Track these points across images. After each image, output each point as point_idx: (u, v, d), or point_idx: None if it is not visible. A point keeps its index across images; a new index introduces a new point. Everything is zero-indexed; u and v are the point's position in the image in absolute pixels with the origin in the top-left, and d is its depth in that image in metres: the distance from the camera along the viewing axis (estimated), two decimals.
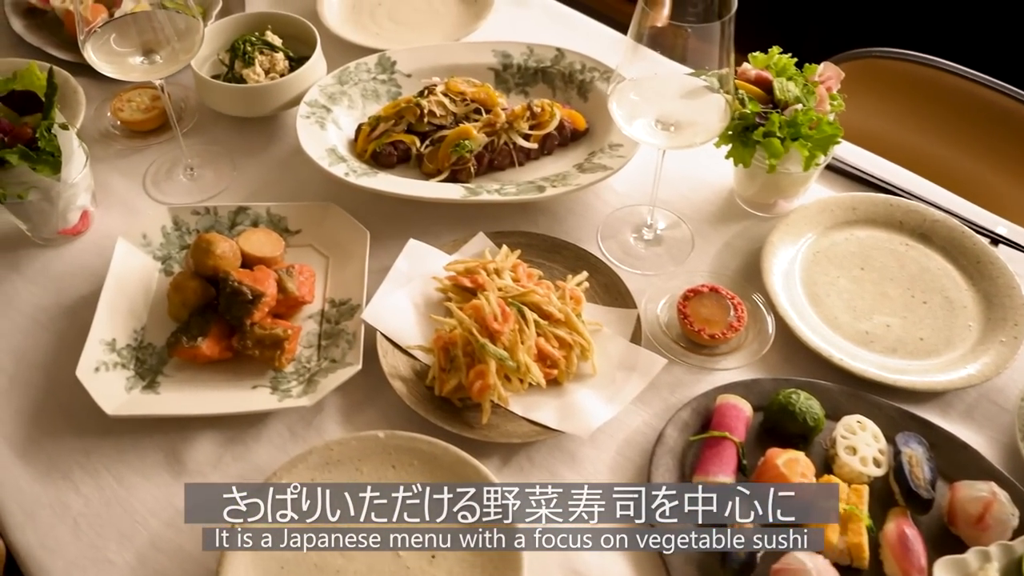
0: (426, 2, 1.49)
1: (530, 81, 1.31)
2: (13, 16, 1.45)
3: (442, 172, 1.18)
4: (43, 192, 1.06)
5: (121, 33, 1.09)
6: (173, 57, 1.07)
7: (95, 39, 1.07)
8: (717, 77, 0.98)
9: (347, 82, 1.27)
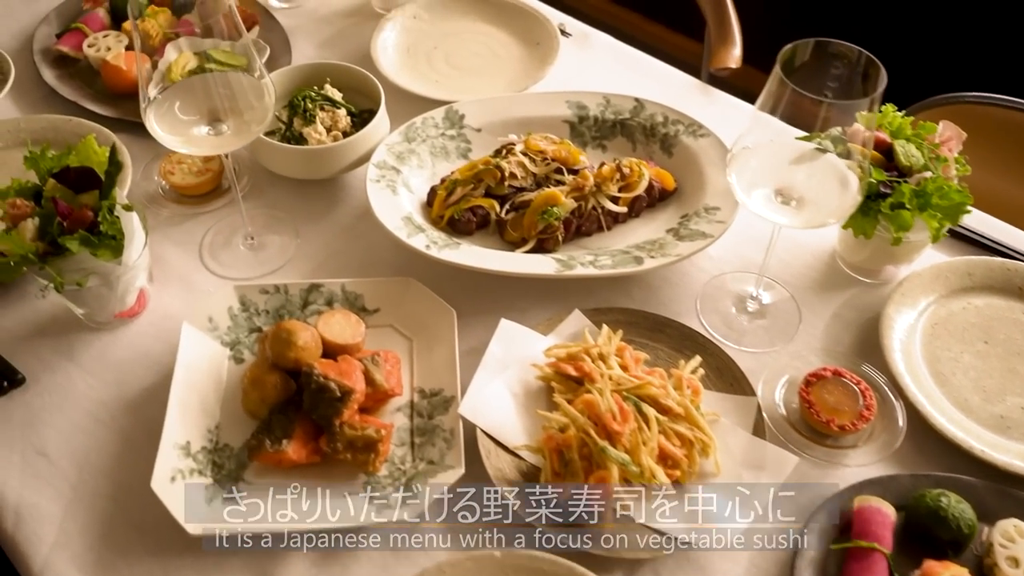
0: (485, 45, 1.40)
1: (608, 134, 1.23)
2: (44, 66, 1.35)
3: (528, 241, 1.09)
4: (102, 277, 0.97)
5: (184, 98, 1.00)
6: (243, 127, 0.98)
7: (156, 106, 0.98)
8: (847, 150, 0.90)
9: (414, 139, 1.18)
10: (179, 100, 1.00)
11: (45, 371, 1.01)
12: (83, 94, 1.32)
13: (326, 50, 1.41)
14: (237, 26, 1.33)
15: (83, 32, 1.37)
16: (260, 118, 0.98)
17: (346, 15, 1.48)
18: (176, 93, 1.00)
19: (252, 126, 0.98)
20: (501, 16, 1.43)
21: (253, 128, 0.98)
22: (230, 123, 0.99)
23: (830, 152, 0.92)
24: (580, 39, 1.43)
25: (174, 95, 0.99)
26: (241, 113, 0.99)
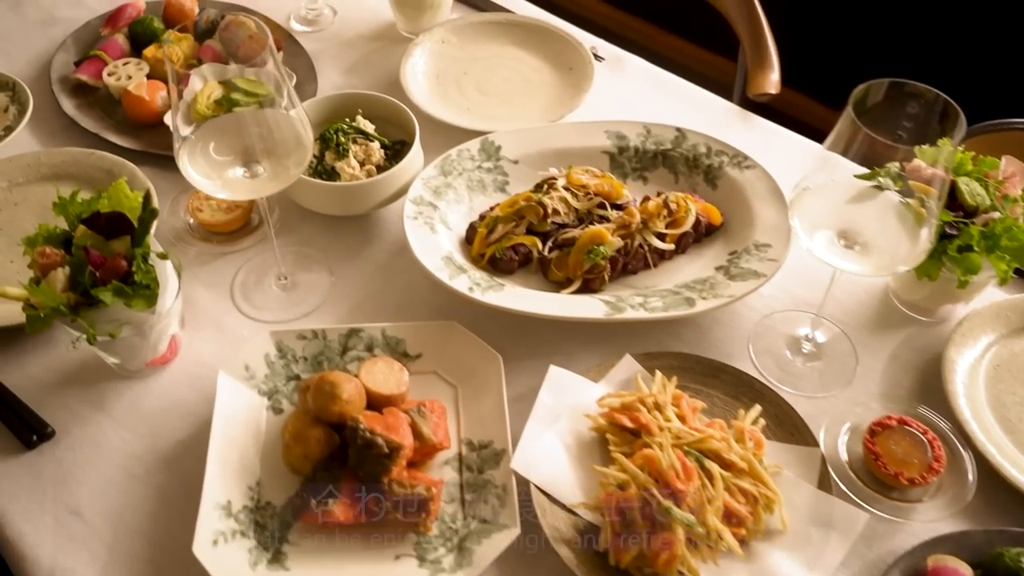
0: (516, 70, 1.36)
1: (649, 166, 1.19)
2: (62, 95, 1.31)
3: (573, 281, 1.05)
4: (135, 327, 0.92)
5: (217, 137, 0.96)
6: (281, 170, 0.94)
7: (189, 146, 0.94)
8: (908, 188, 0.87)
9: (450, 172, 1.14)
10: (213, 139, 0.96)
11: (75, 423, 0.97)
12: (104, 125, 1.27)
13: (352, 76, 1.37)
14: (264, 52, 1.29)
15: (102, 60, 1.33)
16: (299, 160, 0.94)
17: (371, 39, 1.44)
18: (209, 132, 0.95)
19: (291, 168, 0.93)
20: (532, 40, 1.39)
21: (292, 171, 0.94)
22: (266, 164, 0.95)
23: (890, 190, 0.89)
24: (613, 63, 1.39)
25: (208, 134, 0.95)
26: (278, 154, 0.94)
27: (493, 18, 1.41)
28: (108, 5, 1.47)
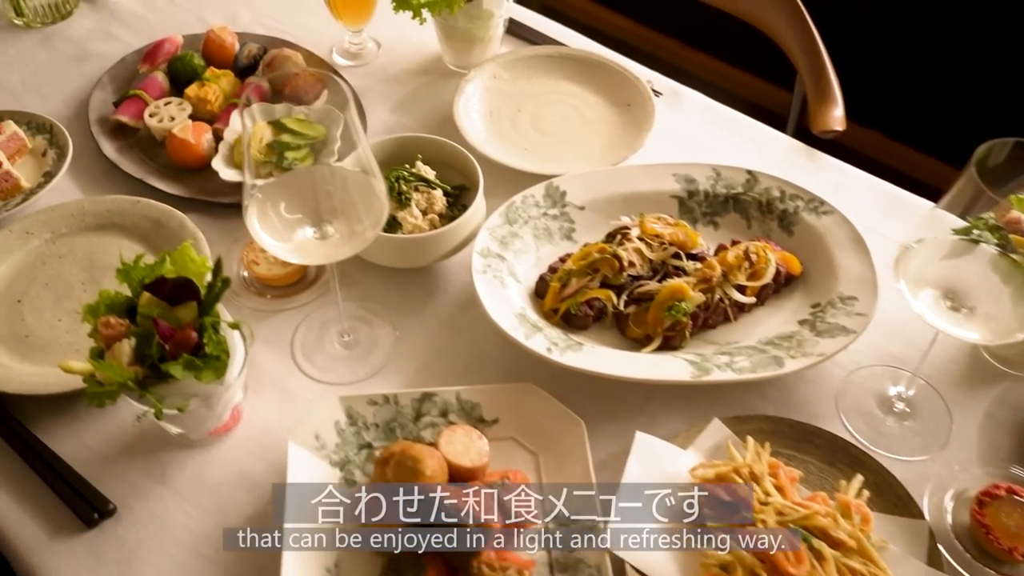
0: (571, 107, 1.31)
1: (720, 210, 1.14)
2: (102, 137, 1.25)
3: (653, 338, 1.00)
4: (203, 398, 0.87)
5: (285, 194, 0.91)
6: (356, 233, 0.89)
7: (258, 204, 0.89)
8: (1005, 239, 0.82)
9: (516, 220, 1.10)
10: (280, 196, 0.91)
11: (137, 498, 0.92)
12: (147, 169, 1.22)
13: (402, 114, 1.32)
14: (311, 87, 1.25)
15: (142, 100, 1.27)
16: (375, 221, 0.89)
17: (418, 73, 1.39)
18: (279, 189, 0.90)
19: (368, 231, 0.88)
20: (586, 74, 1.34)
21: (368, 232, 0.89)
22: (338, 225, 0.90)
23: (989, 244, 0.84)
24: (670, 97, 1.34)
25: (276, 191, 0.90)
26: (352, 215, 0.90)
27: (545, 52, 1.36)
28: (142, 39, 1.42)
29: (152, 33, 1.44)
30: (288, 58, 1.32)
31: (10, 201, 1.16)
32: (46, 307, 1.06)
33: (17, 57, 1.40)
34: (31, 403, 0.97)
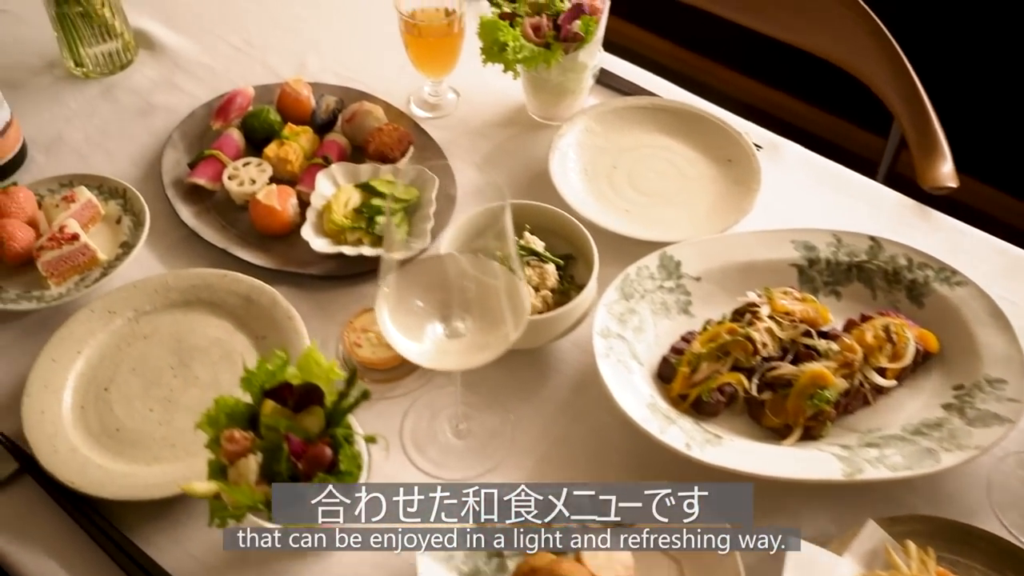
0: (668, 162, 1.25)
1: (842, 280, 1.08)
2: (178, 201, 1.19)
3: (793, 429, 0.94)
4: None
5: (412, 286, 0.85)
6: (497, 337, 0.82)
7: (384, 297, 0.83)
8: None
9: (632, 295, 1.03)
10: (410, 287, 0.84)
11: None
12: (228, 236, 1.15)
13: (490, 171, 1.25)
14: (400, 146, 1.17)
15: (219, 160, 1.21)
16: (517, 322, 0.82)
17: (502, 125, 1.32)
18: (407, 280, 0.83)
19: (510, 333, 0.82)
20: (681, 127, 1.27)
21: (511, 335, 0.82)
22: (470, 323, 0.83)
23: None
24: (770, 151, 1.28)
25: (405, 283, 0.83)
26: (488, 316, 0.83)
27: (636, 103, 1.29)
28: (208, 90, 1.35)
29: (217, 83, 1.37)
30: (369, 112, 1.25)
31: (88, 275, 1.09)
32: (135, 395, 1.00)
33: (79, 111, 1.33)
34: (128, 507, 0.91)
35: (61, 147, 1.28)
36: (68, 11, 1.30)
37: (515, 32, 1.17)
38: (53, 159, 1.26)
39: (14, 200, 1.12)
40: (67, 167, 1.25)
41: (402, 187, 1.15)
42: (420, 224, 1.13)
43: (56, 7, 1.30)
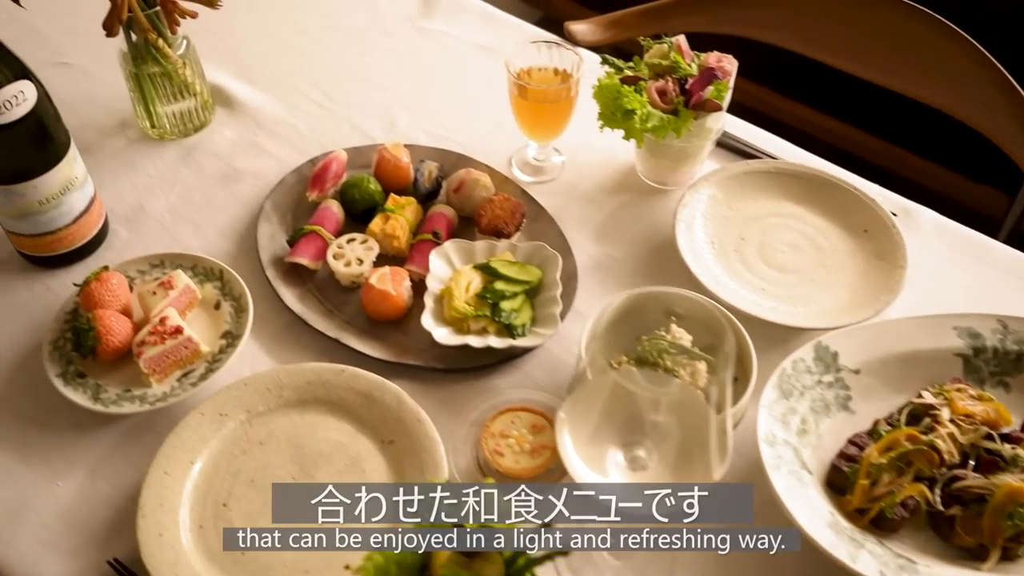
0: (800, 233, 1.17)
1: (1011, 369, 1.00)
2: (279, 282, 1.10)
3: (990, 550, 0.86)
4: None
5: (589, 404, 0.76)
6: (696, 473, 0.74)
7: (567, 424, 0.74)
8: None
9: (791, 393, 0.95)
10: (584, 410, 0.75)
11: None
12: (336, 323, 1.07)
13: (606, 243, 1.17)
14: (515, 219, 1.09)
15: (321, 238, 1.12)
16: (721, 456, 0.73)
17: (613, 191, 1.24)
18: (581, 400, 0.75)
19: (716, 470, 0.73)
20: (809, 193, 1.19)
21: (716, 470, 0.73)
22: (655, 455, 0.75)
23: None
24: (903, 218, 1.20)
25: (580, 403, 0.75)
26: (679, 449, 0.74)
27: (759, 167, 1.21)
28: (294, 152, 1.27)
29: (303, 144, 1.29)
30: (477, 181, 1.17)
31: (191, 370, 1.00)
32: (257, 511, 0.91)
33: (159, 178, 1.24)
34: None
35: (143, 219, 1.19)
36: (146, 72, 1.21)
37: (642, 99, 1.09)
38: (136, 233, 1.17)
39: (107, 287, 1.03)
40: (152, 242, 1.16)
41: (524, 267, 1.07)
42: (546, 308, 1.05)
43: (133, 66, 1.21)
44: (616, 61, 1.17)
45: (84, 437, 0.98)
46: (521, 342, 1.02)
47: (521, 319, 1.04)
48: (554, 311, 1.04)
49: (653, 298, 1.00)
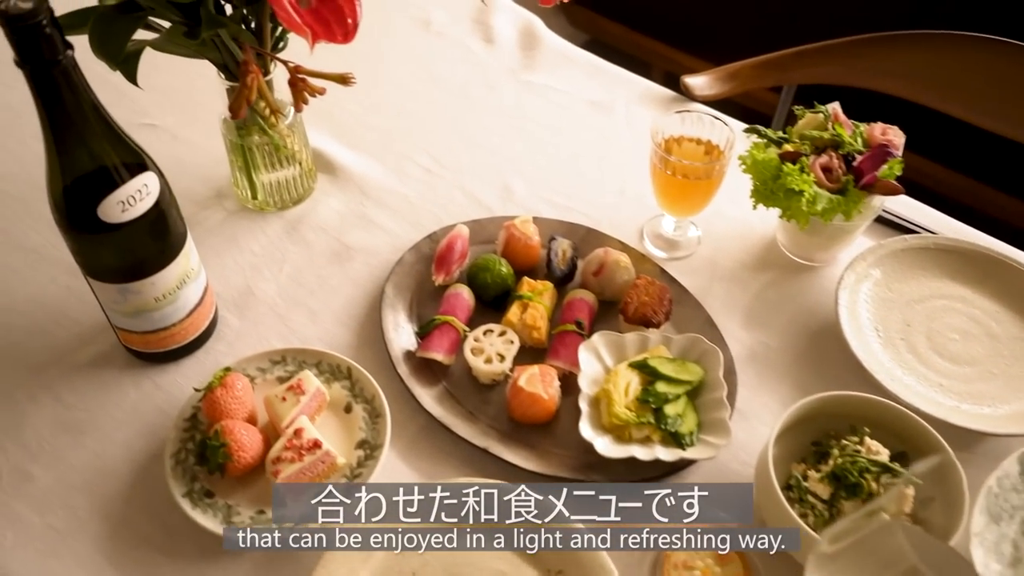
0: (969, 318, 1.08)
1: None
2: (411, 380, 1.01)
3: None
4: None
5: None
6: None
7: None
8: None
9: (1000, 517, 0.86)
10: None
11: None
12: (479, 428, 0.98)
13: (758, 330, 1.08)
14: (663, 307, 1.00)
15: (455, 329, 1.03)
16: None
17: (756, 268, 1.15)
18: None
19: None
20: (975, 273, 1.10)
21: None
22: None
23: None
24: None
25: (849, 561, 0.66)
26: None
27: (917, 243, 1.12)
28: (405, 224, 1.19)
29: (416, 216, 1.20)
30: (618, 263, 1.08)
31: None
32: None
33: (265, 256, 1.15)
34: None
35: (253, 304, 1.10)
36: (251, 142, 1.12)
37: (808, 178, 1.00)
38: (247, 321, 1.08)
39: (232, 394, 0.94)
40: (266, 331, 1.07)
41: (684, 364, 0.98)
42: (712, 412, 0.96)
43: (237, 137, 1.12)
44: (768, 132, 1.08)
45: (215, 566, 0.88)
46: (691, 453, 0.92)
47: (688, 425, 0.94)
48: (722, 415, 0.95)
49: (835, 402, 0.92)
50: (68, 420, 0.98)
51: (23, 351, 1.04)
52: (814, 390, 0.90)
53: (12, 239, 1.15)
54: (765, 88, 1.09)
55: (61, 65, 0.76)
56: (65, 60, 0.76)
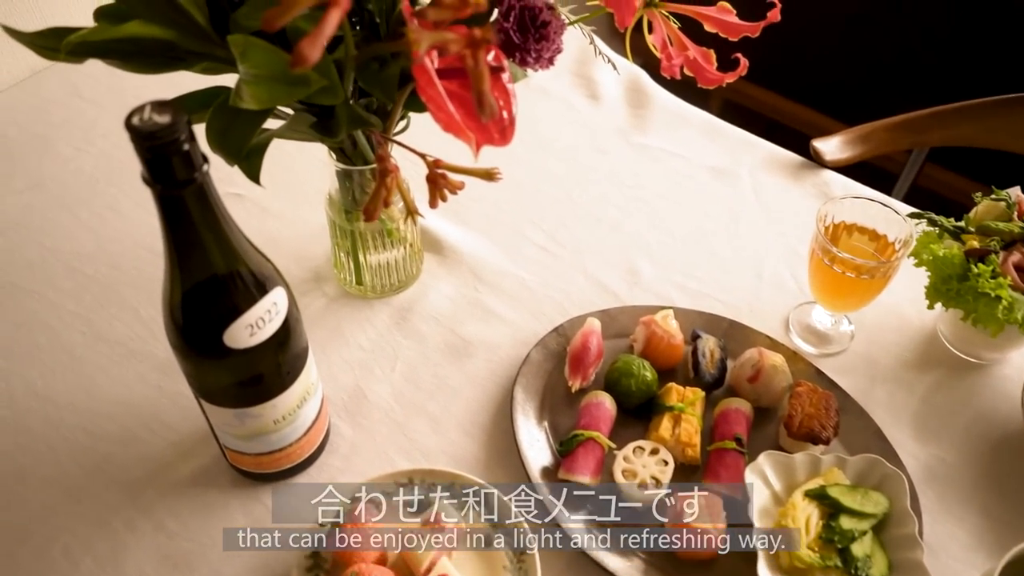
0: None
1: None
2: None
3: None
4: None
5: None
6: None
7: None
8: None
9: None
10: None
11: None
12: (635, 564, 0.86)
13: (932, 443, 0.97)
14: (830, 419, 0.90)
15: (600, 446, 0.92)
16: None
17: (917, 366, 1.04)
18: None
19: None
20: None
21: None
22: None
23: None
24: None
25: None
26: None
27: None
28: (525, 313, 1.09)
29: (537, 304, 1.09)
30: (776, 368, 0.97)
31: None
32: None
33: (375, 352, 1.04)
34: None
35: (366, 409, 0.99)
36: (360, 227, 1.01)
37: (1004, 281, 0.89)
38: (361, 430, 0.97)
39: (361, 531, 0.83)
40: (383, 442, 0.96)
41: (867, 494, 0.87)
42: (903, 551, 0.85)
43: (344, 220, 1.01)
44: (942, 221, 0.96)
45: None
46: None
47: (879, 568, 0.83)
48: (916, 555, 0.83)
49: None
50: (173, 552, 0.87)
51: (116, 466, 0.93)
52: (1004, 516, 0.79)
53: (95, 329, 1.05)
54: (902, 150, 0.98)
55: (196, 183, 0.66)
56: (200, 177, 0.66)
